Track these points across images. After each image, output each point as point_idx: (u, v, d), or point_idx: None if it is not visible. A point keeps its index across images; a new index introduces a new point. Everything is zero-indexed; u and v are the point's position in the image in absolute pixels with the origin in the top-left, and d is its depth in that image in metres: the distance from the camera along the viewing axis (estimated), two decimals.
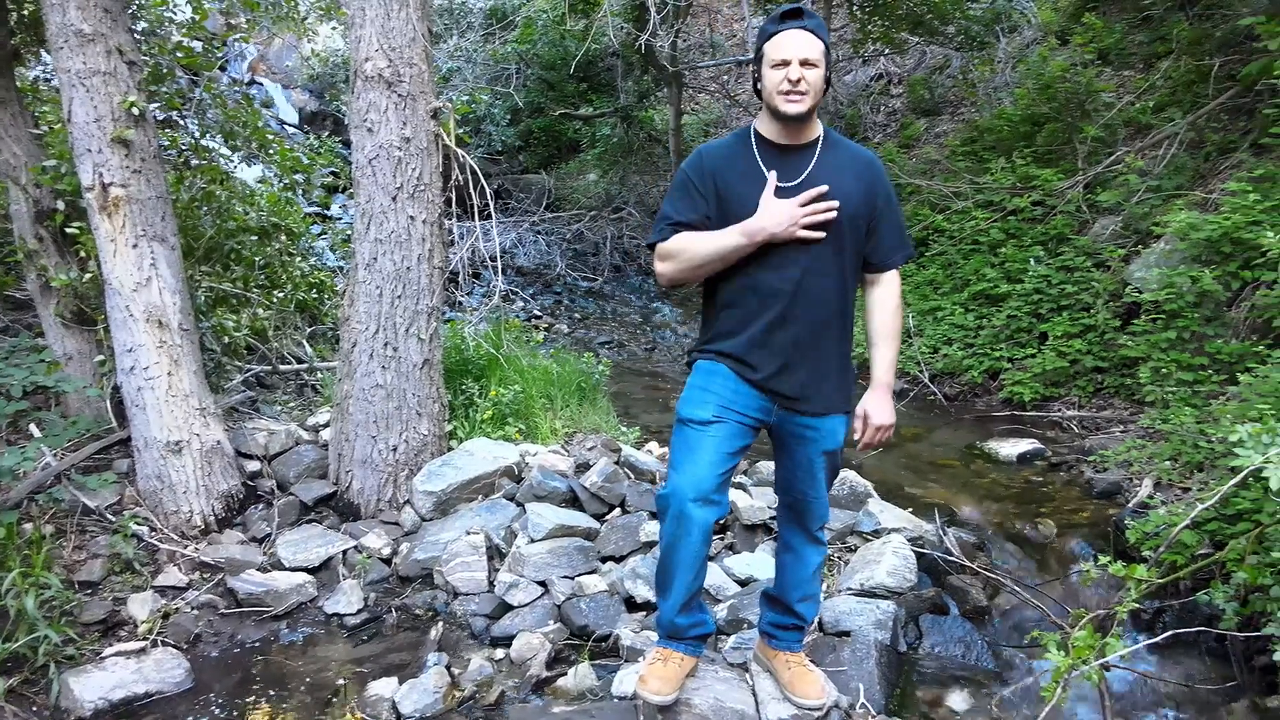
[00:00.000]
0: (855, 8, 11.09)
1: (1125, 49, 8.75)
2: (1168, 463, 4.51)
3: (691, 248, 2.44)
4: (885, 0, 10.71)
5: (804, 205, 2.34)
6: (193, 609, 3.57)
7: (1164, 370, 5.21)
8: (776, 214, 2.34)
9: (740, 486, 4.23)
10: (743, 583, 3.59)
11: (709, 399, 2.47)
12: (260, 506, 4.24)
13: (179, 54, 5.07)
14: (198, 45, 5.26)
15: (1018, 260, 7.08)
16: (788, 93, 2.34)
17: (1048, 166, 7.75)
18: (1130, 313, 5.98)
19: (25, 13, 4.54)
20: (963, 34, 10.97)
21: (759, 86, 2.44)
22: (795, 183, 2.40)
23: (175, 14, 5.33)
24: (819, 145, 2.45)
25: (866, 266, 2.54)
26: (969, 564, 3.79)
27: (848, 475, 4.24)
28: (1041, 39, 10.49)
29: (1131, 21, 9.01)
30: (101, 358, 4.32)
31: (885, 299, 2.56)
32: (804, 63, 2.32)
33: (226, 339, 5.09)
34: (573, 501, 4.18)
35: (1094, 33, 8.30)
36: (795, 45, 2.32)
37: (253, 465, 4.40)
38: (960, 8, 10.69)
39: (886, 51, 12.47)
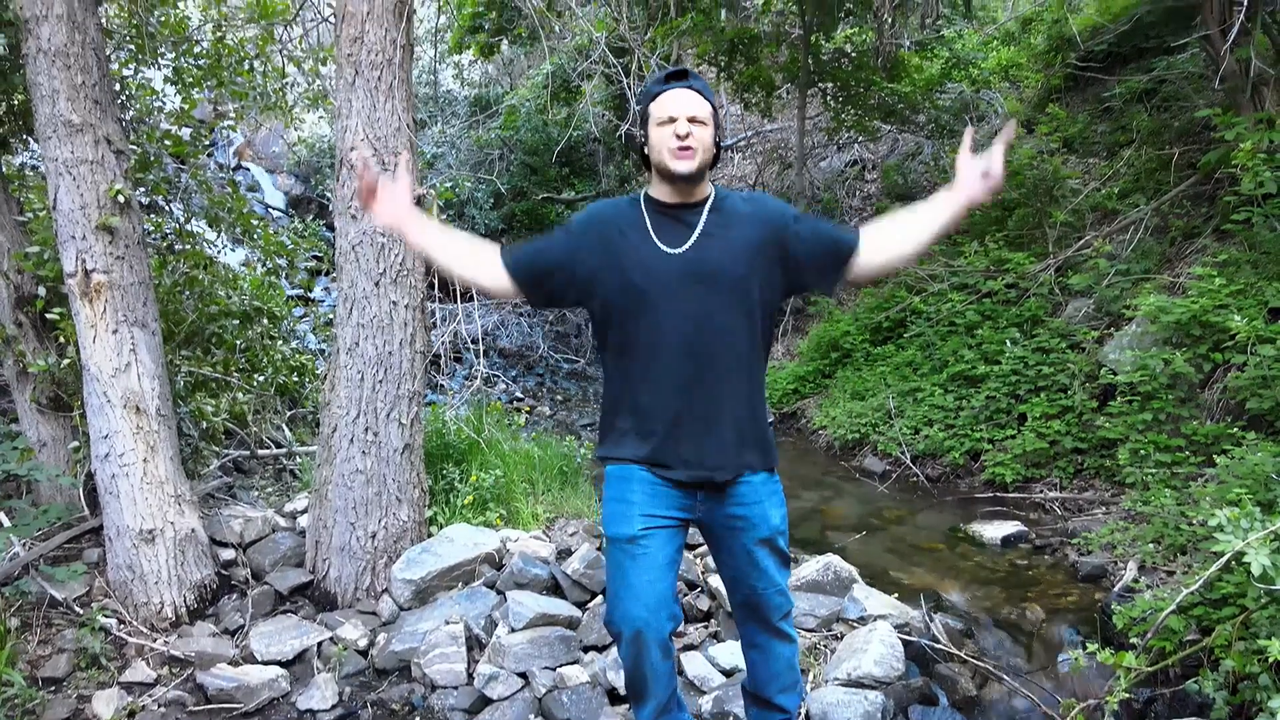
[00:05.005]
0: (829, 97, 11.47)
1: (1089, 138, 9.07)
2: (1151, 545, 4.51)
3: (456, 255, 2.45)
4: (857, 90, 11.10)
5: None
6: (160, 706, 3.44)
7: (1142, 452, 5.24)
8: None
9: None
10: (728, 673, 3.51)
11: (631, 511, 2.36)
12: (234, 596, 4.14)
13: (167, 142, 5.15)
14: (186, 133, 5.35)
15: (994, 342, 7.18)
16: (676, 149, 2.29)
17: (1019, 250, 7.93)
18: (1106, 394, 6.05)
19: (15, 102, 4.61)
20: (933, 123, 11.35)
21: (645, 150, 2.40)
22: (681, 249, 2.35)
23: (164, 103, 5.44)
24: (707, 205, 2.40)
25: (843, 268, 2.42)
26: (957, 652, 3.74)
27: (831, 560, 4.21)
28: None
29: (1093, 112, 9.36)
30: (76, 444, 4.26)
31: (886, 226, 2.44)
32: (691, 119, 2.29)
33: (205, 424, 5.04)
34: (554, 589, 4.11)
35: (1058, 122, 8.61)
36: (681, 103, 2.30)
37: (227, 554, 4.31)
38: (930, 98, 11.09)
39: (860, 139, 12.86)
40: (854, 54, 11.32)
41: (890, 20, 11.77)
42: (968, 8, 12.54)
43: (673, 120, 2.29)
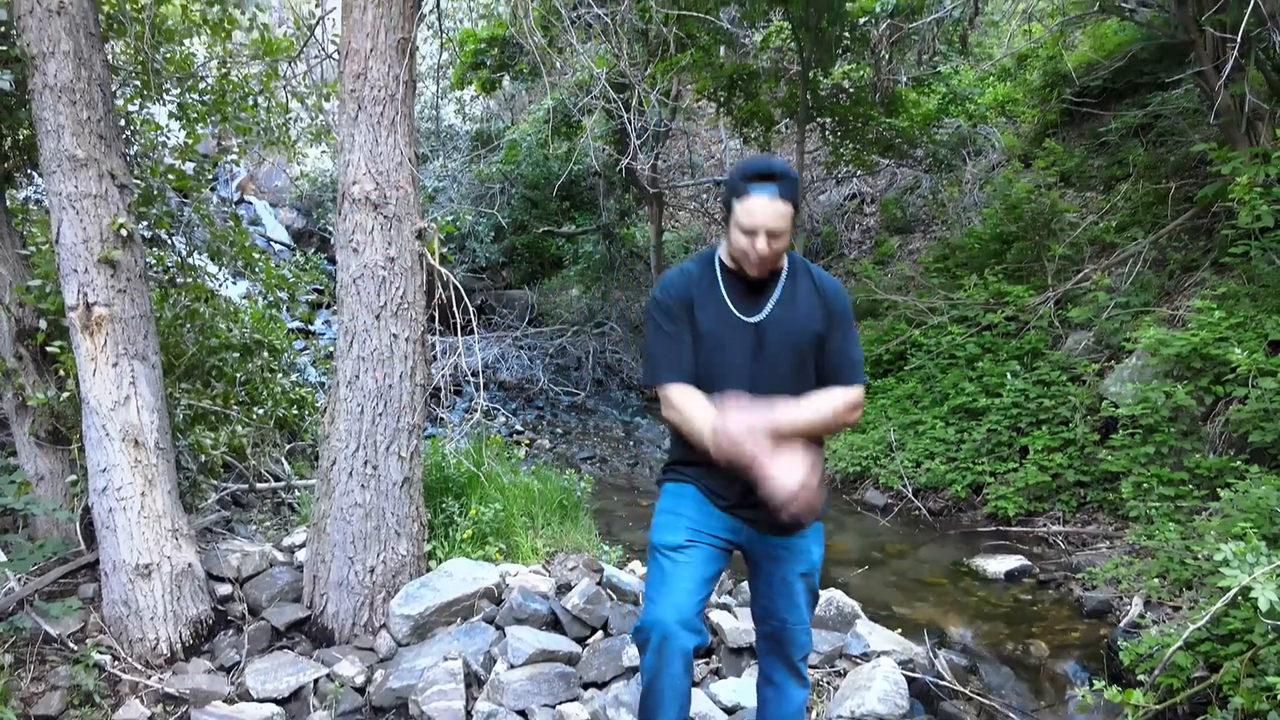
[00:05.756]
0: (827, 132, 11.58)
1: (1086, 172, 9.15)
2: (1156, 580, 4.47)
3: (690, 415, 2.38)
4: (856, 125, 11.21)
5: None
6: None
7: (1145, 485, 5.22)
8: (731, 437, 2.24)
9: (725, 607, 4.14)
10: (729, 710, 3.46)
11: (680, 523, 2.47)
12: (230, 632, 4.09)
13: (170, 176, 5.18)
14: (189, 167, 5.38)
15: (995, 374, 7.18)
16: (755, 264, 2.39)
17: (1019, 283, 7.95)
18: (1108, 427, 6.04)
19: (20, 137, 4.64)
20: (931, 157, 11.45)
21: (728, 228, 2.46)
22: (756, 318, 2.46)
23: (168, 138, 5.48)
24: (781, 278, 2.50)
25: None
26: (962, 689, 3.69)
27: (834, 595, 4.17)
28: (1005, 162, 10.95)
29: (1090, 146, 9.45)
30: (74, 478, 4.24)
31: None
32: (771, 234, 2.34)
33: (204, 457, 5.02)
34: (554, 624, 4.07)
35: (1055, 157, 8.69)
36: (764, 215, 2.33)
37: (224, 589, 4.26)
38: (927, 133, 11.20)
39: (859, 173, 12.97)
40: (852, 89, 11.46)
41: (888, 57, 11.95)
42: (964, 45, 12.74)
43: (754, 233, 2.35)
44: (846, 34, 10.43)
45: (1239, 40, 5.08)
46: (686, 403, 2.41)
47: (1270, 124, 6.08)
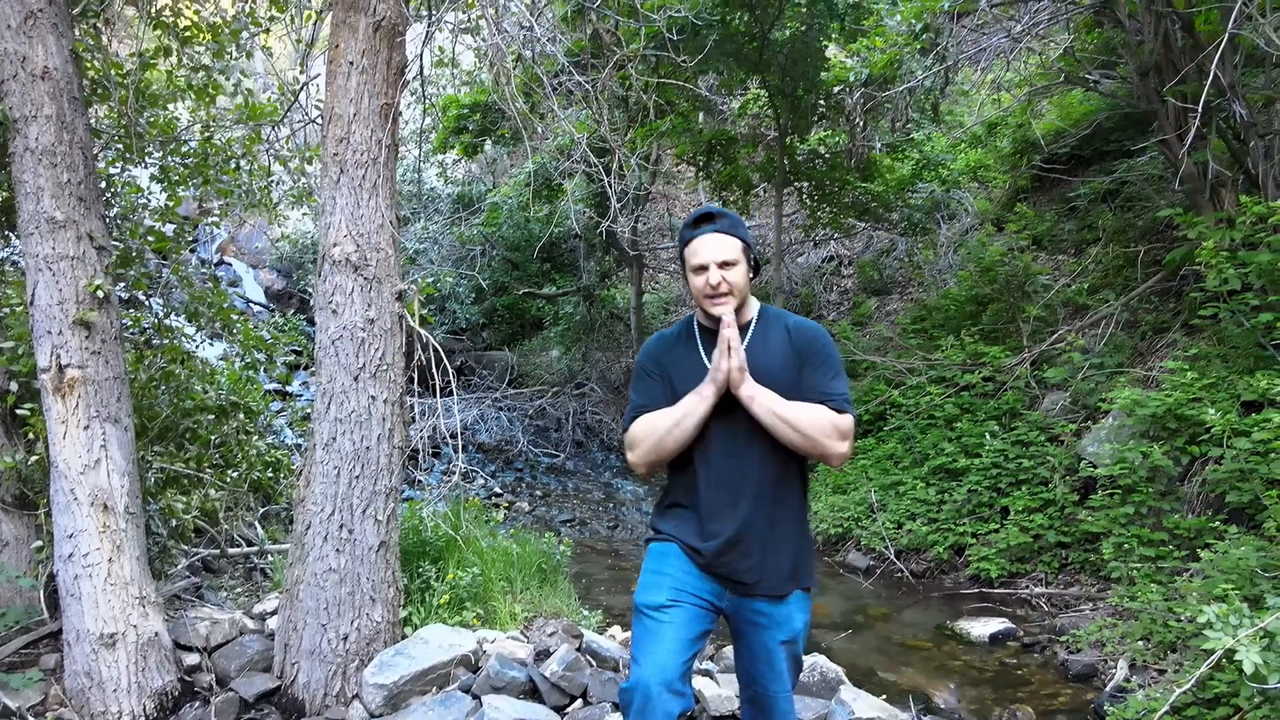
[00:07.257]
0: (805, 196, 11.79)
1: (1057, 235, 9.34)
2: (1140, 643, 4.44)
3: (652, 424, 2.48)
4: (832, 189, 11.43)
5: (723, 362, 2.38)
6: None
7: (1126, 546, 5.22)
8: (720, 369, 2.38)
9: (707, 674, 4.06)
10: None
11: (663, 583, 2.44)
12: (196, 704, 3.95)
13: (150, 238, 5.17)
14: (169, 229, 5.37)
15: (974, 435, 7.20)
16: (711, 296, 2.44)
17: (995, 344, 8.04)
18: (1087, 487, 6.06)
19: None
20: (906, 220, 11.67)
21: (689, 281, 2.55)
22: None
23: (149, 200, 5.48)
24: (751, 326, 2.54)
25: None
26: None
27: (817, 660, 4.10)
28: (978, 226, 11.16)
29: (1060, 211, 9.67)
30: (39, 544, 4.13)
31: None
32: (722, 264, 2.42)
33: (175, 521, 4.91)
34: (532, 692, 3.97)
35: (1026, 221, 8.87)
36: (711, 249, 2.43)
37: (191, 658, 4.13)
38: (902, 197, 11.43)
39: (836, 236, 13.17)
40: (828, 155, 11.70)
41: (862, 124, 12.24)
42: (935, 113, 13.08)
43: (705, 268, 2.44)
44: (822, 102, 10.69)
45: (1200, 110, 5.24)
46: (650, 419, 2.49)
47: (1233, 190, 6.25)
